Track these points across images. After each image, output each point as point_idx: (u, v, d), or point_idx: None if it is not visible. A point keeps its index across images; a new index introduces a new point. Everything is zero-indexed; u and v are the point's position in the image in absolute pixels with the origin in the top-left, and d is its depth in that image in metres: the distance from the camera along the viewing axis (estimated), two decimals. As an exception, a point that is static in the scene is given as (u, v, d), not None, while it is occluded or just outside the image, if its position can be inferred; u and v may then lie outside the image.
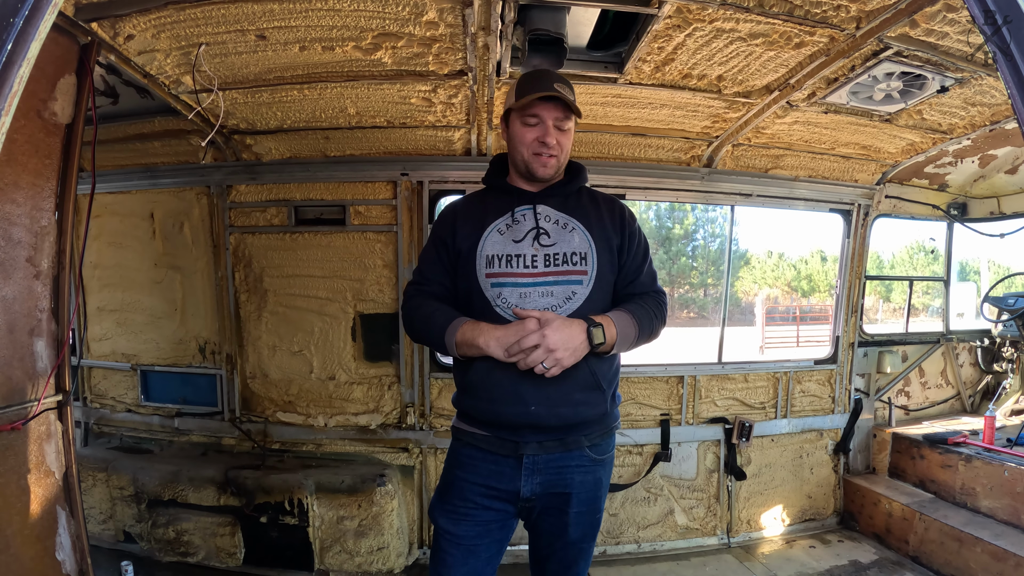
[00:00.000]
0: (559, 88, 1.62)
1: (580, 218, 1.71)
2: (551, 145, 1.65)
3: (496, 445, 1.65)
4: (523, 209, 1.70)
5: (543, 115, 1.64)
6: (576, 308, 1.62)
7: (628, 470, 3.58)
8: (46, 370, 2.03)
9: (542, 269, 1.63)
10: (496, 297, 1.62)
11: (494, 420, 1.64)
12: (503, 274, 1.63)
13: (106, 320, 3.69)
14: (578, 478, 1.67)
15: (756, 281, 31.19)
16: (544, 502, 1.68)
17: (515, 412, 1.59)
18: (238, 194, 3.37)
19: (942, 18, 2.03)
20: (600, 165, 3.37)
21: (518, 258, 1.64)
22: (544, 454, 1.63)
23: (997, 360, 4.42)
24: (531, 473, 1.64)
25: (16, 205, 1.91)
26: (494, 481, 1.66)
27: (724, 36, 2.22)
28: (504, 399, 1.60)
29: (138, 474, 3.22)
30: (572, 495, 1.67)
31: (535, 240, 1.66)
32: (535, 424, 1.60)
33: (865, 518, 3.80)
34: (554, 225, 1.69)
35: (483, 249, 1.66)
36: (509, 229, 1.68)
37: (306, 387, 3.44)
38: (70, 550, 2.10)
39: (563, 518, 1.69)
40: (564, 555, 1.76)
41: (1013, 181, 3.99)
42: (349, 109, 2.83)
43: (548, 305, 1.61)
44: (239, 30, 2.16)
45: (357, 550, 3.09)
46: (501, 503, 1.68)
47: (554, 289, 1.63)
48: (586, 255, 1.66)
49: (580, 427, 1.65)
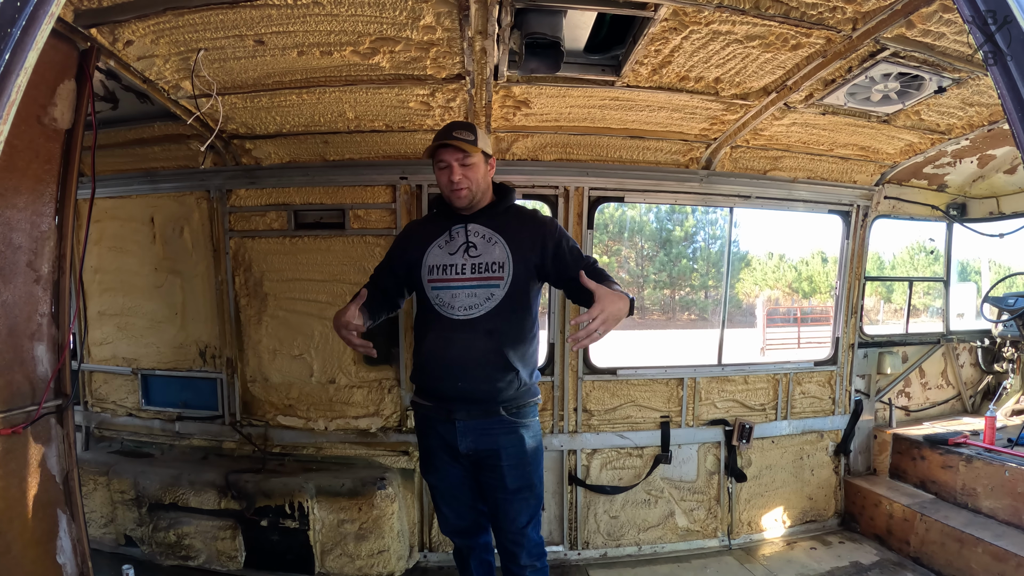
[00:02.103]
0: (457, 134, 2.05)
1: (503, 233, 2.14)
2: (456, 181, 2.07)
3: (437, 412, 2.15)
4: (457, 228, 2.16)
5: (447, 159, 2.07)
6: (493, 307, 2.07)
7: (628, 472, 3.58)
8: (46, 374, 2.04)
9: (469, 275, 2.10)
10: (435, 297, 2.12)
11: (434, 393, 2.15)
12: (440, 280, 2.12)
13: (107, 324, 3.69)
14: (503, 438, 2.12)
15: (757, 283, 31.15)
16: (480, 458, 2.14)
17: (449, 387, 2.09)
18: (238, 198, 3.38)
19: (938, 18, 2.04)
20: (599, 168, 3.37)
21: (451, 267, 2.12)
22: (471, 420, 2.10)
23: (997, 360, 4.41)
24: (464, 434, 2.11)
25: (17, 210, 1.92)
26: (443, 440, 2.16)
27: (721, 38, 2.23)
28: (442, 376, 2.10)
29: (139, 478, 3.23)
30: (501, 450, 2.12)
31: (465, 252, 2.13)
32: (464, 397, 2.08)
33: (866, 519, 3.79)
34: (481, 239, 2.14)
35: (427, 260, 2.15)
36: (447, 244, 2.16)
37: (306, 391, 3.44)
38: (71, 554, 2.11)
39: (499, 471, 2.14)
40: (508, 507, 2.18)
41: (1012, 181, 4.00)
42: (348, 113, 2.84)
43: (472, 304, 2.08)
44: (237, 35, 2.17)
45: (358, 553, 3.09)
46: (454, 459, 2.17)
47: (477, 291, 2.08)
48: (503, 264, 2.10)
49: (498, 401, 2.10)
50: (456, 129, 2.08)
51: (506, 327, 2.08)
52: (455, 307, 2.08)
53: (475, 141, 2.08)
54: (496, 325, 2.06)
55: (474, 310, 2.07)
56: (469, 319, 2.06)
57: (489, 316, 2.06)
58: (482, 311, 2.06)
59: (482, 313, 2.06)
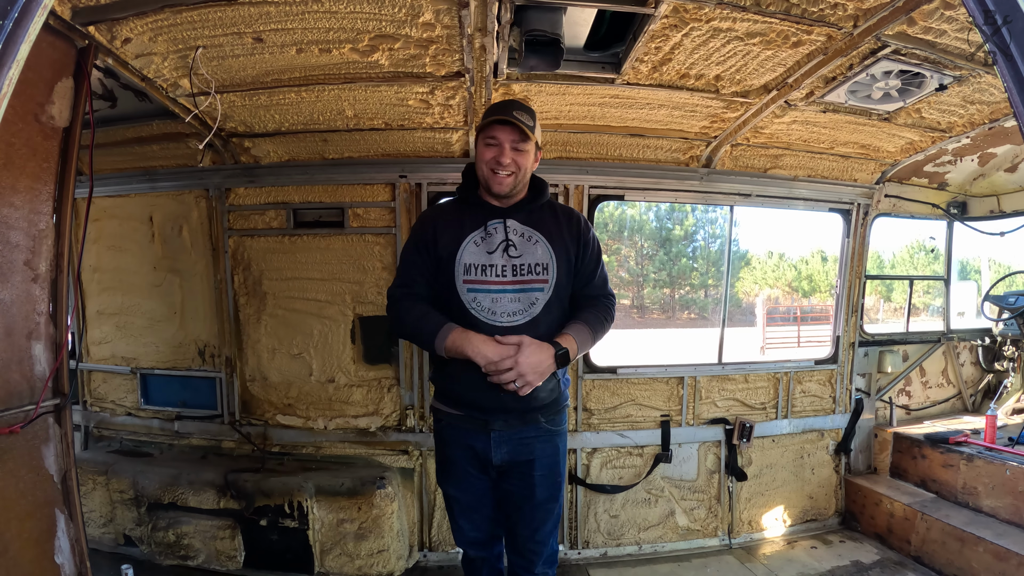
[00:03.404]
0: (518, 115, 1.87)
1: (543, 231, 1.98)
2: (505, 164, 1.89)
3: (469, 422, 1.98)
4: (495, 223, 1.96)
5: (501, 137, 1.89)
6: (537, 313, 1.92)
7: (629, 471, 3.57)
8: (44, 373, 2.03)
9: (511, 278, 1.92)
10: (472, 301, 1.91)
11: (470, 403, 1.96)
12: (478, 281, 1.92)
13: (105, 323, 3.68)
14: (539, 446, 2.00)
15: (757, 281, 31.15)
16: (512, 468, 2.00)
17: (488, 398, 1.89)
18: (237, 197, 3.37)
19: (940, 16, 2.03)
20: (598, 166, 3.36)
21: (491, 268, 1.92)
22: (508, 430, 1.96)
23: (998, 359, 4.41)
24: (499, 445, 1.96)
25: (14, 208, 1.91)
26: (472, 453, 2.00)
27: (721, 35, 2.22)
28: (480, 386, 1.88)
29: (138, 477, 3.22)
30: (536, 460, 2.00)
31: (504, 252, 1.93)
32: (503, 407, 1.92)
33: (867, 518, 3.79)
34: (520, 238, 1.96)
35: (461, 258, 1.92)
36: (484, 241, 1.95)
37: (305, 390, 3.44)
38: (69, 553, 2.10)
39: (530, 480, 2.01)
40: (532, 516, 2.06)
41: (1013, 179, 3.99)
42: (347, 111, 2.83)
43: (516, 309, 1.91)
44: (236, 33, 2.16)
45: (357, 553, 3.08)
46: (481, 471, 2.02)
47: (520, 296, 1.92)
48: (547, 265, 1.95)
49: (537, 409, 1.96)
50: (516, 109, 1.90)
51: (548, 333, 1.93)
52: (497, 312, 1.89)
53: (533, 128, 1.92)
54: (540, 332, 1.90)
55: (518, 316, 1.90)
56: (513, 326, 1.90)
57: (534, 322, 1.91)
58: (527, 317, 1.91)
59: (526, 320, 1.91)
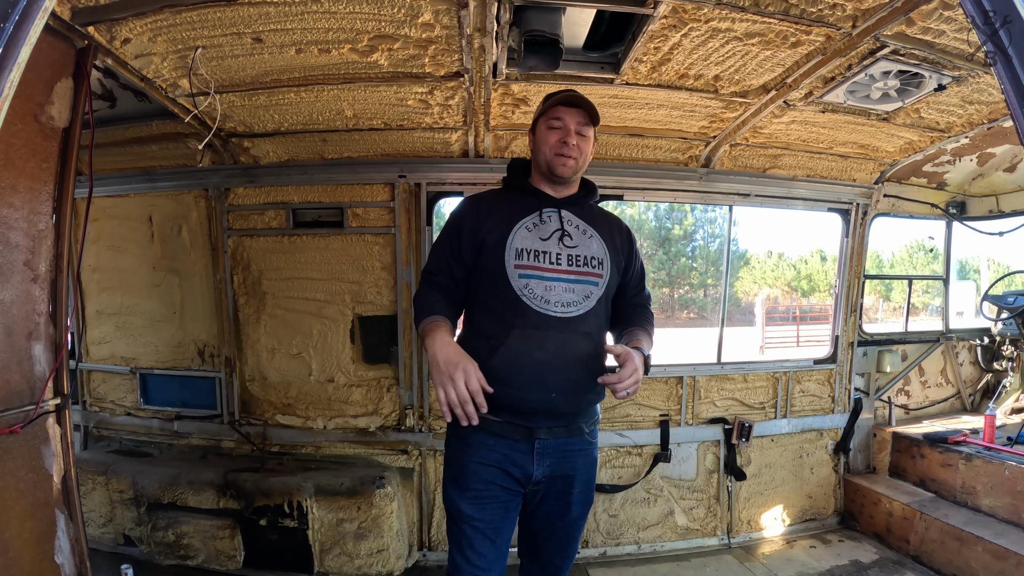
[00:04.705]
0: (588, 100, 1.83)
1: (596, 228, 1.90)
2: (571, 145, 1.82)
3: (509, 430, 1.75)
4: (550, 211, 1.86)
5: (566, 119, 1.83)
6: (591, 307, 1.79)
7: (628, 471, 3.58)
8: (44, 374, 2.03)
9: (565, 267, 1.80)
10: (523, 287, 1.75)
11: (513, 405, 1.72)
12: (531, 267, 1.77)
13: (105, 324, 3.68)
14: (580, 461, 1.83)
15: (756, 281, 31.18)
16: (549, 484, 1.81)
17: (537, 398, 1.71)
18: (236, 197, 3.37)
19: (938, 16, 2.03)
20: (598, 166, 3.36)
21: (545, 254, 1.80)
22: (553, 439, 1.77)
23: (997, 358, 4.41)
24: (542, 456, 1.77)
25: (13, 209, 1.91)
26: (508, 464, 1.75)
27: (720, 36, 2.22)
28: (529, 385, 1.70)
29: (137, 477, 3.22)
30: (575, 477, 1.82)
31: (560, 240, 1.82)
32: (551, 410, 1.74)
33: (866, 518, 3.79)
34: (575, 229, 1.86)
35: (512, 242, 1.79)
36: (536, 227, 1.83)
37: (305, 390, 3.44)
38: (69, 553, 2.10)
39: (567, 499, 1.83)
40: (565, 534, 1.90)
41: (1012, 179, 3.99)
42: (346, 111, 2.83)
43: (569, 300, 1.77)
44: (235, 33, 2.16)
45: (357, 552, 3.08)
46: (516, 485, 1.78)
47: (575, 287, 1.79)
48: (603, 261, 1.85)
49: (583, 413, 1.83)
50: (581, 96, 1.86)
51: (599, 331, 1.85)
52: (551, 301, 1.74)
53: (597, 119, 1.88)
54: (593, 328, 1.80)
55: (572, 308, 1.76)
56: (568, 317, 1.75)
57: (587, 317, 1.78)
58: (581, 310, 1.77)
59: (581, 312, 1.77)
